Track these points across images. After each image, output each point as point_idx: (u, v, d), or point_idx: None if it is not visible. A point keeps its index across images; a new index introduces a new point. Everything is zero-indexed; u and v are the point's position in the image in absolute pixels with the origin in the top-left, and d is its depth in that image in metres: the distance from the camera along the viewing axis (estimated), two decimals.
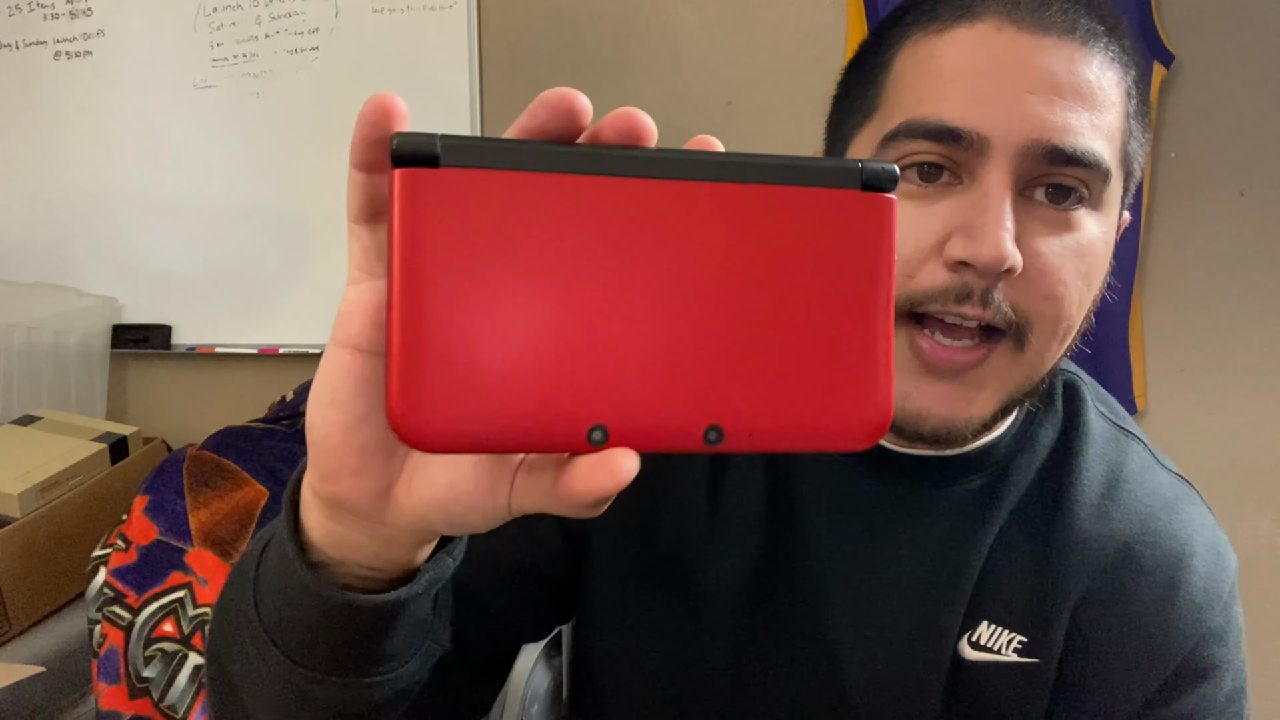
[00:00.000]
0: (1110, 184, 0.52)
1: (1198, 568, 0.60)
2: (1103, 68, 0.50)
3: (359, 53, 1.82)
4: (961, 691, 0.59)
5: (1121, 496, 0.59)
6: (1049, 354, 0.53)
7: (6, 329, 1.81)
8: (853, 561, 0.59)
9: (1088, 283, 0.52)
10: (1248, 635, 1.52)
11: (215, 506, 1.44)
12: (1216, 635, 0.60)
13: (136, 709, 1.33)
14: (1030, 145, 0.49)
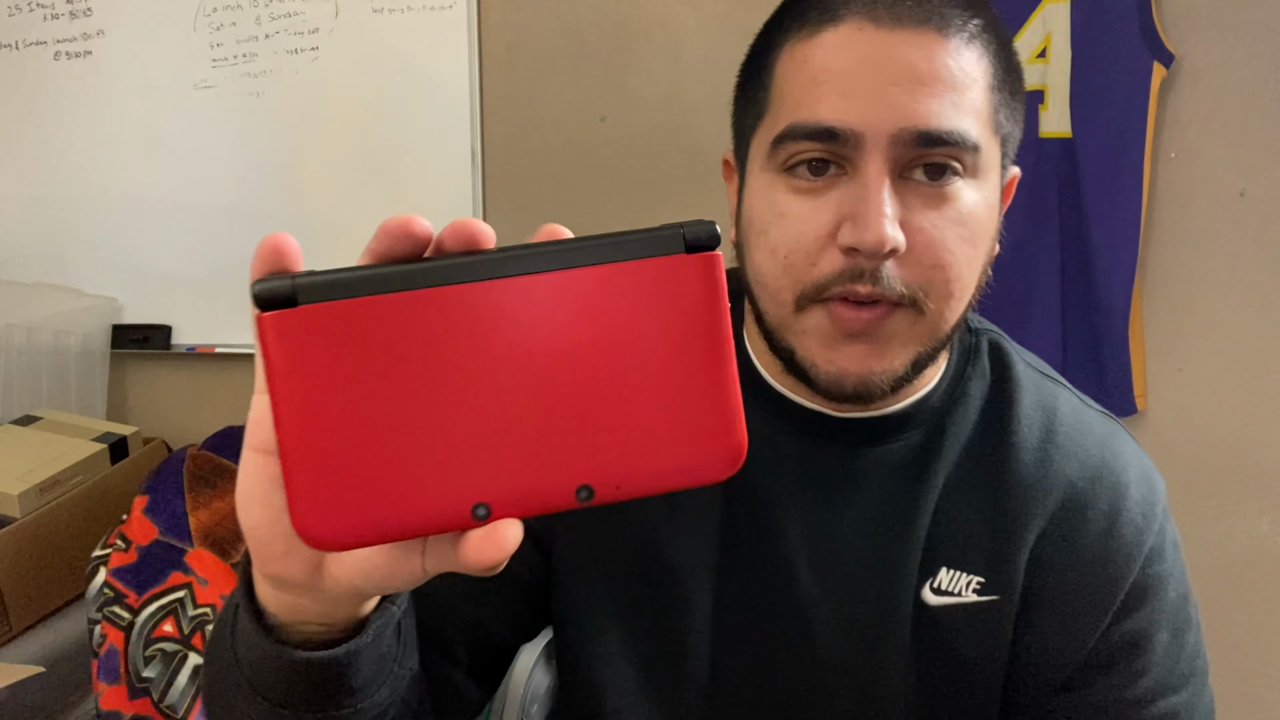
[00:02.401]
0: (983, 153, 0.56)
1: (1133, 494, 0.64)
2: (960, 49, 0.55)
3: (359, 53, 1.82)
4: (928, 635, 0.63)
5: (1059, 438, 0.64)
6: (948, 313, 0.58)
7: (6, 329, 1.81)
8: (810, 521, 0.64)
9: (973, 245, 0.57)
10: (1248, 635, 1.53)
11: (215, 506, 1.44)
12: (1156, 553, 0.64)
13: (136, 709, 1.33)
14: (899, 133, 0.53)
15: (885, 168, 0.54)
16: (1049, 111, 1.46)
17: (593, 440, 0.35)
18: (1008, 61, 0.58)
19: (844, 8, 0.55)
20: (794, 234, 0.56)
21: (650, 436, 0.35)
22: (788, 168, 0.57)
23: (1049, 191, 1.47)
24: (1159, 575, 0.64)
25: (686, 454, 0.35)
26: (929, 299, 0.56)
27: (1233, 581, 1.47)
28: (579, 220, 1.72)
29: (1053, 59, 1.45)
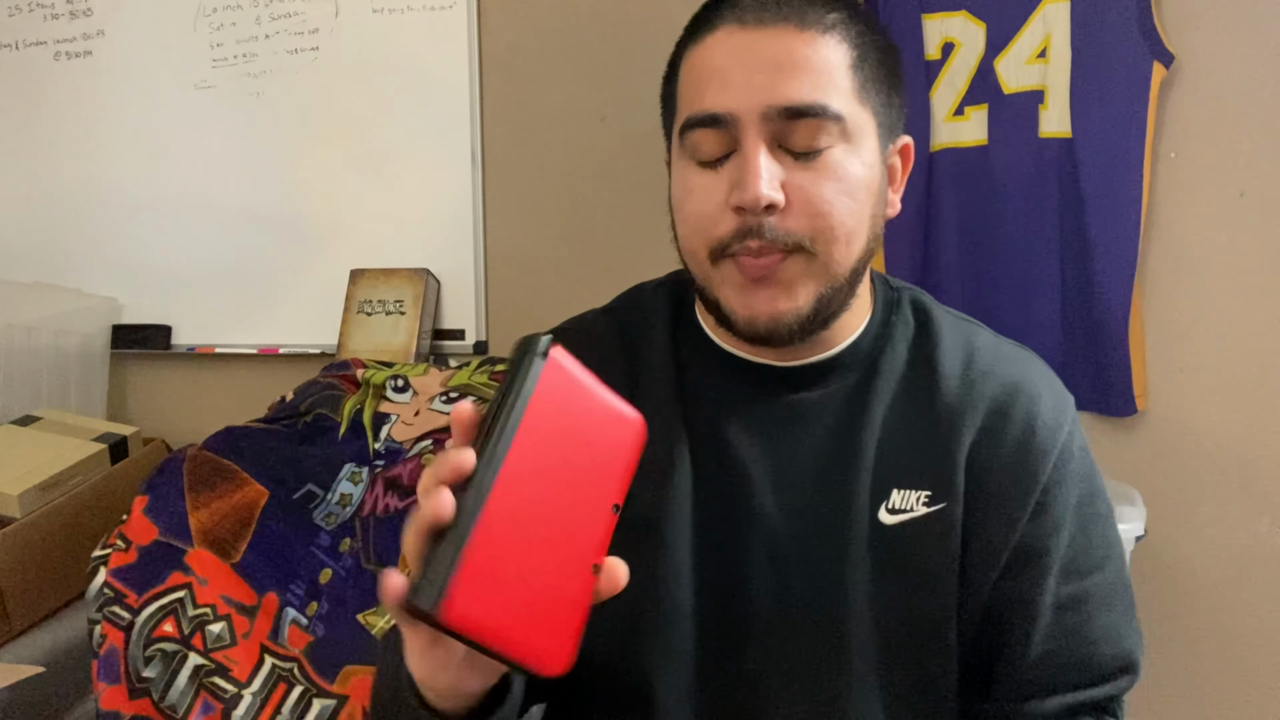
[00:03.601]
0: (848, 121, 0.66)
1: (1046, 403, 0.74)
2: (816, 39, 0.66)
3: (359, 53, 1.82)
4: (886, 552, 0.71)
5: (979, 366, 0.75)
6: (838, 255, 0.68)
7: (6, 329, 1.81)
8: (767, 459, 0.73)
9: (851, 198, 0.67)
10: (1247, 635, 1.53)
11: (215, 507, 1.44)
12: (1066, 452, 0.73)
13: (136, 709, 1.33)
14: (766, 110, 0.65)
15: (760, 140, 0.66)
16: (1049, 111, 1.46)
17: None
18: (871, 45, 0.69)
19: (718, 17, 0.68)
20: (699, 203, 0.69)
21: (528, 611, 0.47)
22: (693, 153, 0.69)
23: (1049, 191, 1.47)
24: (1069, 473, 0.72)
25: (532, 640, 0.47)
26: (815, 244, 0.67)
27: (1233, 581, 1.47)
28: (579, 219, 1.72)
29: (1053, 59, 1.45)
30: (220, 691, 1.32)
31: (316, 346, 1.89)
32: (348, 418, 1.58)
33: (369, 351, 1.77)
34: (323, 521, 1.47)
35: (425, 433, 1.55)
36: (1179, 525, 1.48)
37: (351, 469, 1.52)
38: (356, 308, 1.82)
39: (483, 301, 1.82)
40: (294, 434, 1.59)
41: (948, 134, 1.51)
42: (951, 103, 1.50)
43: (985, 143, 1.49)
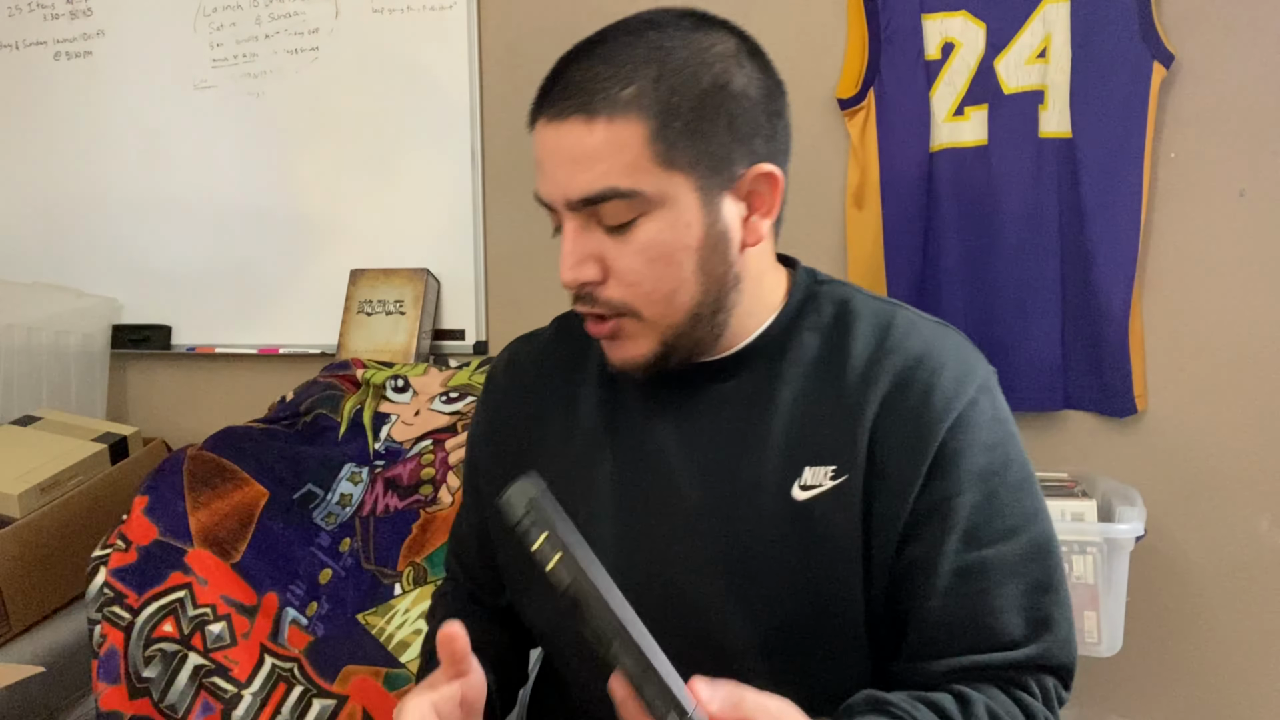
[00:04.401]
0: (649, 193, 0.70)
1: (948, 374, 0.75)
2: (607, 124, 0.70)
3: (359, 53, 1.82)
4: (802, 526, 0.74)
5: (889, 343, 0.76)
6: (667, 314, 0.74)
7: (6, 329, 1.81)
8: (687, 448, 0.79)
9: (666, 262, 0.72)
10: (1247, 635, 1.53)
11: (215, 506, 1.44)
12: (964, 421, 0.73)
13: (136, 709, 1.33)
14: (569, 200, 0.72)
15: (574, 225, 0.73)
16: (1049, 111, 1.46)
17: None
18: (685, 101, 0.70)
19: (537, 109, 0.73)
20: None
21: None
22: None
23: (1049, 191, 1.47)
24: (970, 441, 0.73)
25: None
26: (640, 309, 0.73)
27: (1233, 581, 1.47)
28: None
29: (1053, 59, 1.45)
30: (220, 691, 1.32)
31: (316, 346, 1.89)
32: (348, 418, 1.58)
33: (369, 351, 1.77)
34: (323, 521, 1.47)
35: (425, 433, 1.55)
36: (1179, 525, 1.48)
37: (351, 469, 1.52)
38: (356, 308, 1.82)
39: (483, 301, 1.82)
40: (294, 434, 1.59)
41: (948, 134, 1.51)
42: (951, 103, 1.50)
43: (985, 143, 1.49)
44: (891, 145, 1.53)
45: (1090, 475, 1.45)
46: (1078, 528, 1.25)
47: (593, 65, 0.72)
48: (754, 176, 0.74)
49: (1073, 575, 1.24)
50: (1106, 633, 1.23)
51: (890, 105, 1.52)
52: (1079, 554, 1.24)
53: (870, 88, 1.53)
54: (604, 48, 0.73)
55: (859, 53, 1.53)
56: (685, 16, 0.75)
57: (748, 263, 0.76)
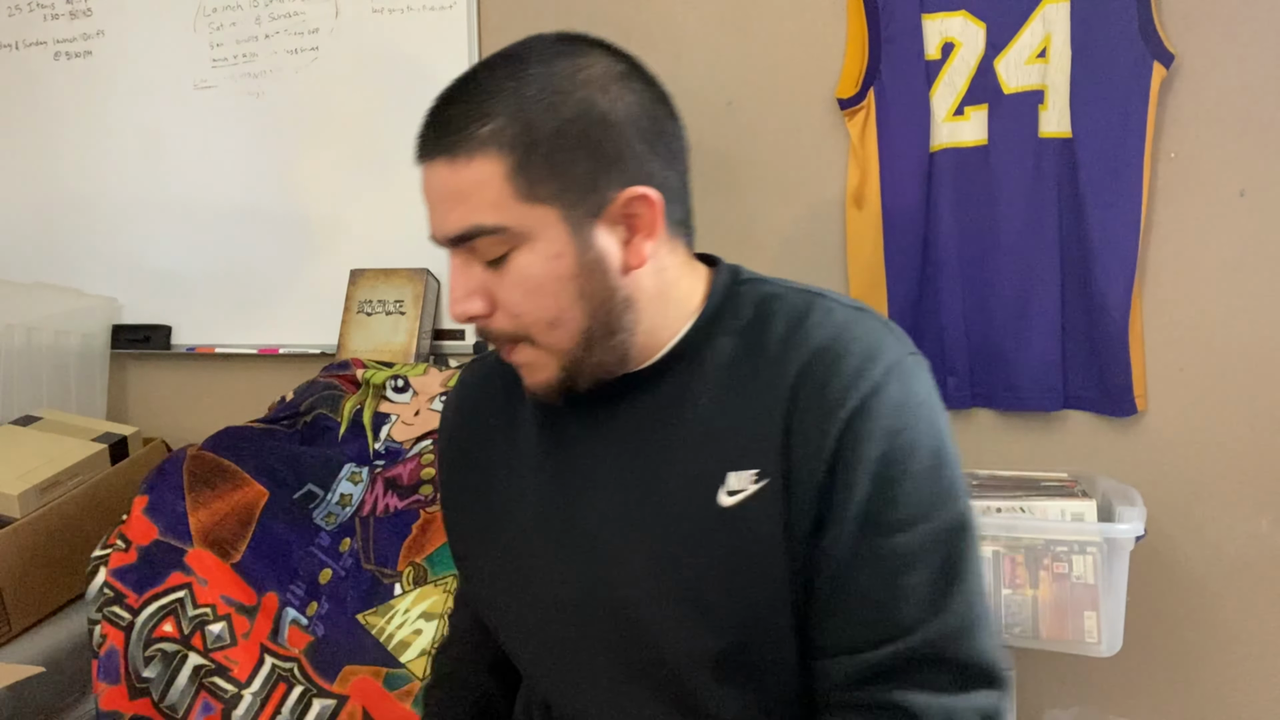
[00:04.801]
0: (515, 227, 0.72)
1: (850, 361, 0.73)
2: (467, 164, 0.71)
3: (359, 53, 1.82)
4: (730, 532, 0.74)
5: (799, 337, 0.76)
6: (557, 339, 0.75)
7: (6, 329, 1.81)
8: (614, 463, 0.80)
9: (541, 292, 0.73)
10: (1247, 635, 1.52)
11: (215, 506, 1.44)
12: (863, 410, 0.72)
13: (136, 709, 1.33)
14: (445, 239, 0.74)
15: (457, 261, 0.75)
16: (1049, 111, 1.46)
17: None
18: (547, 131, 0.71)
19: (416, 152, 0.75)
20: None
21: None
22: None
23: (1049, 191, 1.47)
24: (870, 428, 0.71)
25: None
26: (530, 335, 0.75)
27: (1233, 581, 1.47)
28: None
29: (1053, 59, 1.45)
30: (220, 691, 1.32)
31: (316, 346, 1.89)
32: (348, 418, 1.58)
33: (369, 351, 1.77)
34: (323, 521, 1.47)
35: (425, 433, 1.55)
36: (1179, 525, 1.48)
37: (351, 469, 1.52)
38: (356, 308, 1.82)
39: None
40: (294, 434, 1.59)
41: (948, 134, 1.51)
42: (951, 103, 1.50)
43: (985, 143, 1.49)
44: (891, 145, 1.53)
45: (1090, 475, 1.45)
46: (1078, 528, 1.25)
47: (457, 104, 0.73)
48: (626, 200, 0.74)
49: (1073, 575, 1.24)
50: (1106, 633, 1.23)
51: (890, 105, 1.52)
52: (1079, 554, 1.24)
53: (870, 88, 1.53)
54: (469, 85, 0.74)
55: (859, 53, 1.53)
56: (556, 43, 0.77)
57: (639, 282, 0.76)
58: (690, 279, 0.82)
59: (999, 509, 1.29)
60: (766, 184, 1.61)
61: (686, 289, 0.81)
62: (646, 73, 0.79)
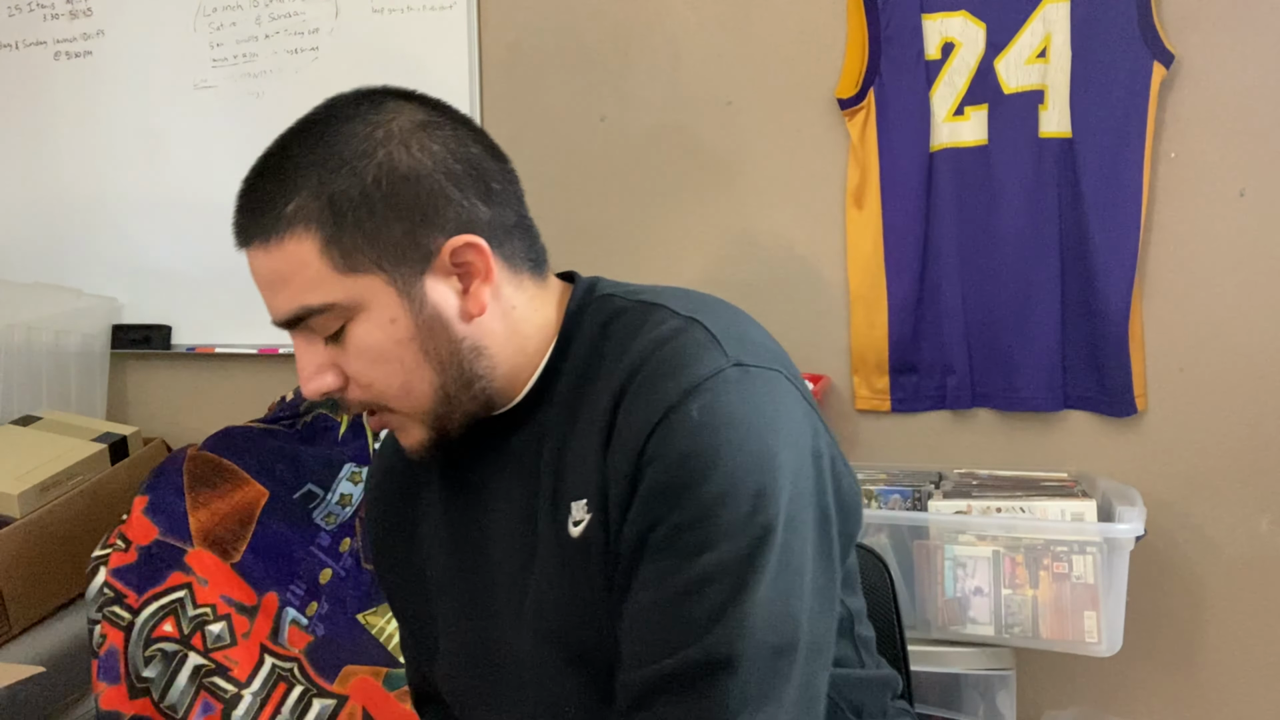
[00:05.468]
0: (341, 301, 0.70)
1: (657, 377, 0.69)
2: (279, 247, 0.70)
3: (359, 53, 1.82)
4: (580, 563, 0.73)
5: (626, 355, 0.72)
6: (412, 403, 0.74)
7: (6, 329, 1.81)
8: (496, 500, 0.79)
9: (384, 359, 0.72)
10: (1247, 635, 1.53)
11: (215, 506, 1.44)
12: (660, 433, 0.67)
13: (136, 709, 1.33)
14: (278, 323, 0.74)
15: (299, 340, 0.74)
16: (1049, 111, 1.46)
17: None
18: (356, 196, 0.70)
19: (234, 238, 0.73)
20: None
21: None
22: None
23: (1049, 191, 1.47)
24: (658, 452, 0.67)
25: None
26: (385, 401, 0.74)
27: (1233, 581, 1.47)
28: (579, 219, 1.72)
29: (1053, 59, 1.45)
30: (220, 691, 1.32)
31: None
32: (348, 417, 1.58)
33: None
34: (323, 521, 1.47)
35: None
36: (1179, 525, 1.48)
37: (351, 469, 1.52)
38: None
39: None
40: (294, 434, 1.59)
41: (948, 134, 1.51)
42: (951, 103, 1.50)
43: (985, 143, 1.49)
44: (891, 145, 1.53)
45: (1090, 475, 1.45)
46: (1078, 528, 1.25)
47: (262, 185, 0.71)
48: (453, 250, 0.72)
49: (1073, 575, 1.24)
50: (1106, 633, 1.23)
51: (890, 105, 1.52)
52: (1079, 554, 1.24)
53: (870, 88, 1.53)
54: (271, 163, 0.72)
55: (859, 53, 1.53)
56: (355, 103, 0.76)
57: (486, 328, 0.74)
58: (545, 309, 0.79)
59: (999, 509, 1.30)
60: (766, 184, 1.61)
61: (541, 321, 0.78)
62: (455, 114, 0.77)
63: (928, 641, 1.30)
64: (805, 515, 0.67)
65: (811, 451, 0.69)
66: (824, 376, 1.56)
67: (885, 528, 1.32)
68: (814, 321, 1.61)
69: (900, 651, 1.03)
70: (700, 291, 0.81)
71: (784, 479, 0.66)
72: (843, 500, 0.73)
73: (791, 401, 0.70)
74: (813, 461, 0.69)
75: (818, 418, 0.73)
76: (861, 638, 0.84)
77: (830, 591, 0.70)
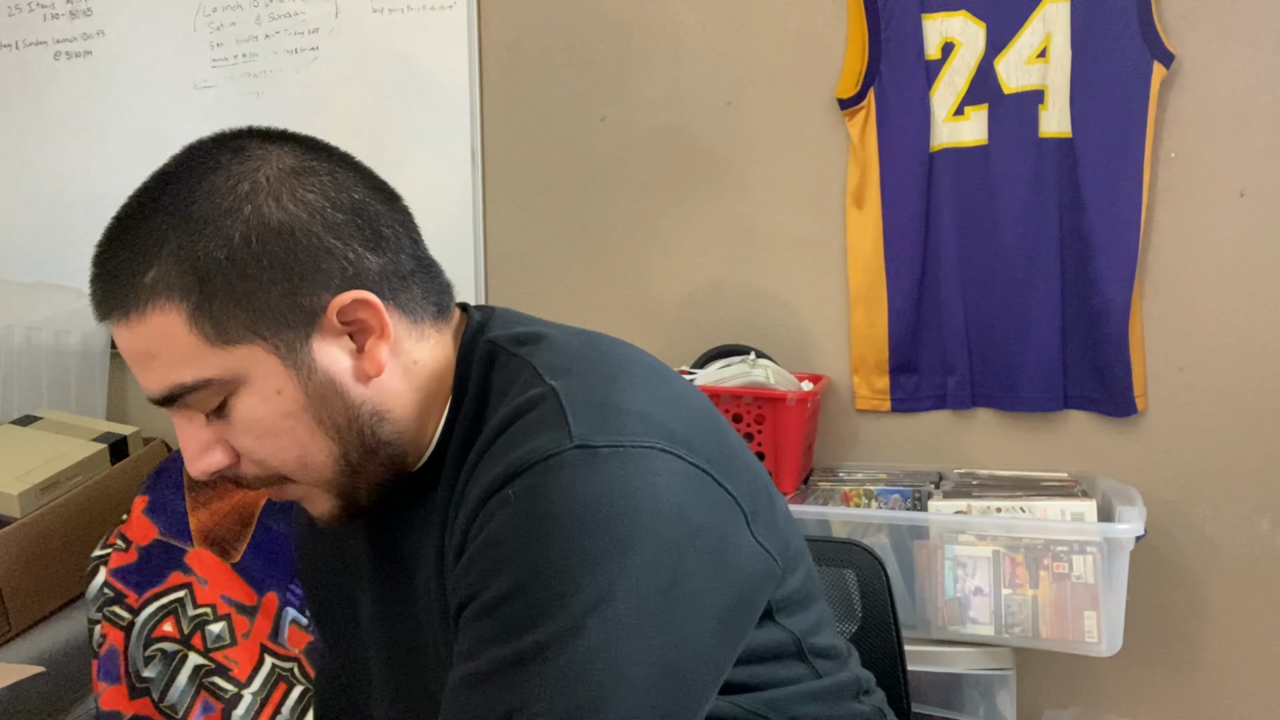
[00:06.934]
0: (218, 376, 0.64)
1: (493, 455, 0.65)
2: (143, 320, 0.63)
3: (359, 53, 1.82)
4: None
5: (494, 412, 0.68)
6: (312, 475, 0.68)
7: (6, 329, 1.81)
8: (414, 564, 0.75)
9: (274, 433, 0.66)
10: (1247, 635, 1.52)
11: (215, 506, 1.44)
12: (479, 515, 0.63)
13: (136, 709, 1.33)
14: (152, 400, 0.66)
15: (179, 419, 0.67)
16: (1049, 111, 1.46)
17: None
18: (211, 273, 0.62)
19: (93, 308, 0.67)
20: None
21: None
22: None
23: (1049, 191, 1.47)
24: (473, 538, 0.63)
25: None
26: (282, 474, 0.68)
27: (1233, 581, 1.47)
28: (579, 219, 1.72)
29: (1053, 59, 1.45)
30: (220, 691, 1.32)
31: None
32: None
33: None
34: None
35: None
36: (1179, 525, 1.48)
37: None
38: None
39: (483, 301, 1.82)
40: None
41: (948, 134, 1.51)
42: (951, 103, 1.50)
43: (985, 143, 1.49)
44: (891, 145, 1.53)
45: (1090, 475, 1.45)
46: (1078, 528, 1.25)
47: (117, 252, 0.64)
48: (340, 309, 0.65)
49: (1073, 575, 1.24)
50: (1106, 633, 1.23)
51: (890, 105, 1.52)
52: (1079, 554, 1.24)
53: (870, 88, 1.53)
54: (125, 225, 0.64)
55: (859, 53, 1.53)
56: (214, 151, 0.66)
57: (386, 388, 0.68)
58: (448, 354, 0.72)
59: (999, 509, 1.30)
60: (766, 184, 1.61)
61: (446, 371, 0.72)
62: (333, 153, 0.69)
63: (928, 641, 1.30)
64: (646, 608, 0.59)
65: (686, 531, 0.61)
66: (824, 376, 1.57)
67: (885, 528, 1.32)
68: (814, 321, 1.61)
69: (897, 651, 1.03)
70: (594, 336, 0.74)
71: (607, 574, 0.58)
72: (740, 568, 0.65)
73: (655, 479, 0.61)
74: (682, 541, 0.61)
75: (713, 483, 0.64)
76: (816, 649, 0.77)
77: (689, 674, 0.61)
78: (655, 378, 0.70)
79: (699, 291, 1.67)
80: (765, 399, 1.40)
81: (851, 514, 1.36)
